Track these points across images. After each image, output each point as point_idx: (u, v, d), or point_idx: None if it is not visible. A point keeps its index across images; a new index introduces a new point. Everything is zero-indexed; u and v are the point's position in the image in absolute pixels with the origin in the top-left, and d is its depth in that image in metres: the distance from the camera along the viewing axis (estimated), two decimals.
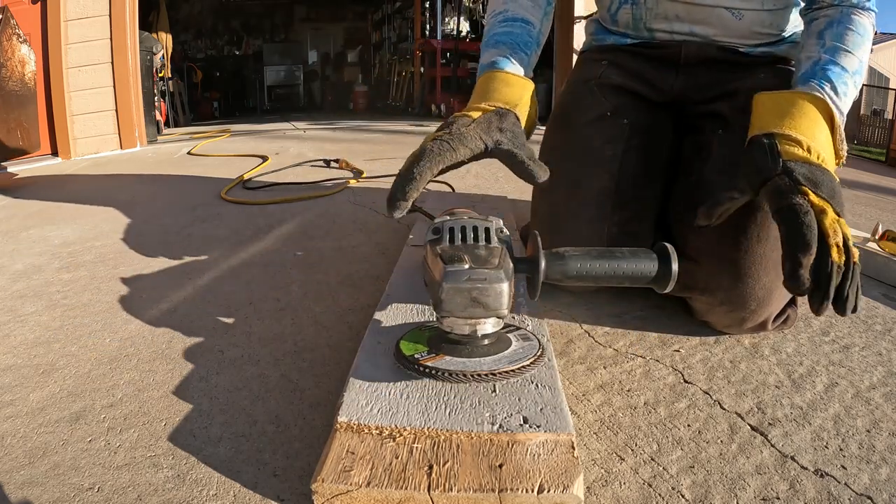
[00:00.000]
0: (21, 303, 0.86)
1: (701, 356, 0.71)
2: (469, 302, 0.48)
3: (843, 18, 0.71)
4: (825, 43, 0.70)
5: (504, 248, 0.53)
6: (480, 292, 0.47)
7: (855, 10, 0.71)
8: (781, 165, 0.58)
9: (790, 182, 0.56)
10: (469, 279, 0.47)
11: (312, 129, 3.79)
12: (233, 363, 0.68)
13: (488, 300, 0.48)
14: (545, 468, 0.42)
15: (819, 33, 0.71)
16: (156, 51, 3.22)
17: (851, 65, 0.68)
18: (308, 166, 2.11)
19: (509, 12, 0.81)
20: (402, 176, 0.60)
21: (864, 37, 0.70)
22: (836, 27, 0.70)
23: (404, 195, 0.59)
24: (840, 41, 0.69)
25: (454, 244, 0.52)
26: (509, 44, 0.78)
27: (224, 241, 1.18)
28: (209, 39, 8.19)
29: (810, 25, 0.74)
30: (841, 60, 0.68)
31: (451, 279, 0.48)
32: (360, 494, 0.41)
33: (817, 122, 0.62)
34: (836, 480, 0.49)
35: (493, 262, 0.49)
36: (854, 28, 0.70)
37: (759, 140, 0.61)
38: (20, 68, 1.81)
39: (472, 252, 0.50)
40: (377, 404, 0.49)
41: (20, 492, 0.47)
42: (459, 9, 5.48)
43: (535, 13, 0.82)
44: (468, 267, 0.48)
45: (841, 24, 0.70)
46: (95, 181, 1.97)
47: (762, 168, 0.58)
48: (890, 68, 11.68)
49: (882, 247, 1.02)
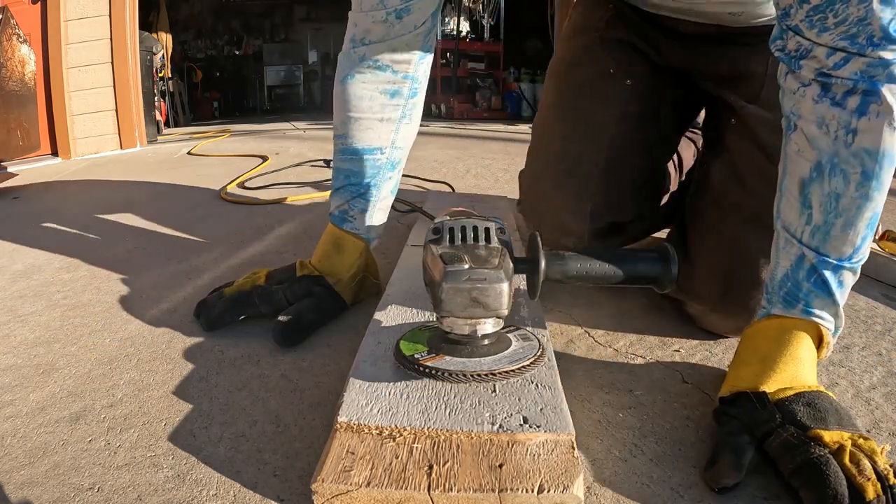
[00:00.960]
0: (21, 303, 0.86)
1: (701, 356, 0.71)
2: (469, 302, 0.48)
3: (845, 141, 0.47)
4: (812, 217, 0.51)
5: (504, 248, 0.53)
6: (480, 292, 0.47)
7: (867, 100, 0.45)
8: (779, 415, 0.48)
9: (797, 432, 0.47)
10: (469, 279, 0.47)
11: (312, 129, 3.79)
12: (233, 363, 0.68)
13: (488, 300, 0.48)
14: (545, 468, 0.42)
15: (802, 183, 0.51)
16: (156, 51, 3.21)
17: (852, 245, 0.50)
18: (308, 166, 2.11)
19: (349, 141, 0.76)
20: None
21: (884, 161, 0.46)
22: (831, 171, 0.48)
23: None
24: (833, 211, 0.49)
25: (454, 244, 0.52)
26: (350, 189, 0.78)
27: (224, 241, 1.18)
28: (209, 39, 8.18)
29: (787, 145, 0.53)
30: (834, 250, 0.51)
31: (451, 279, 0.48)
32: (360, 494, 0.41)
33: (805, 358, 0.53)
34: None
35: (492, 262, 0.49)
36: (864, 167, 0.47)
37: (745, 394, 0.52)
38: (20, 68, 1.81)
39: (472, 252, 0.50)
40: (377, 404, 0.49)
41: (20, 492, 0.47)
42: (459, 9, 5.47)
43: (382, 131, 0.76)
44: (468, 267, 0.48)
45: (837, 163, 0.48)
46: (95, 181, 1.96)
47: (759, 421, 0.49)
48: None
49: (882, 247, 1.02)
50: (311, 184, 1.76)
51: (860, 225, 0.50)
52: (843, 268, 0.52)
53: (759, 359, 0.54)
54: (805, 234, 0.52)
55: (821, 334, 0.54)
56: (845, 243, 0.51)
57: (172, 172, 2.06)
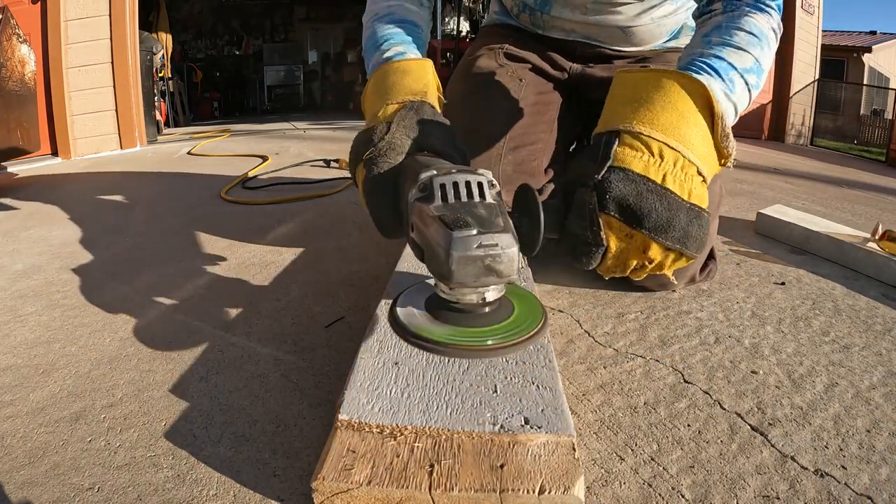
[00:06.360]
0: (21, 303, 0.86)
1: (701, 356, 0.71)
2: (482, 270, 0.43)
3: (734, 18, 0.61)
4: (711, 41, 0.60)
5: (500, 203, 0.48)
6: (494, 259, 0.43)
7: (751, 12, 0.61)
8: (602, 174, 0.46)
9: (594, 205, 0.46)
10: (480, 245, 0.43)
11: (312, 129, 3.79)
12: (233, 363, 0.68)
13: (502, 267, 0.43)
14: (546, 469, 0.42)
15: (705, 34, 0.62)
16: (156, 51, 3.22)
17: (742, 62, 0.57)
18: (308, 166, 2.11)
19: (395, 14, 0.76)
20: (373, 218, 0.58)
21: (762, 38, 0.59)
22: (725, 28, 0.61)
23: (388, 234, 0.58)
24: (728, 39, 0.59)
25: (448, 202, 0.46)
26: (398, 41, 0.72)
27: (224, 241, 1.17)
28: (209, 39, 8.19)
29: (696, 32, 0.66)
30: (728, 56, 0.57)
31: (461, 247, 0.43)
32: (360, 493, 0.41)
33: (687, 114, 0.48)
34: (836, 480, 0.49)
35: (497, 223, 0.45)
36: (747, 27, 0.60)
37: (598, 138, 0.50)
38: (20, 68, 1.81)
39: (472, 212, 0.45)
40: (378, 403, 0.48)
41: (20, 492, 0.47)
42: (459, 9, 5.48)
43: (420, 17, 0.79)
44: (476, 232, 0.43)
45: (731, 25, 0.61)
46: (95, 181, 1.96)
47: (582, 172, 0.48)
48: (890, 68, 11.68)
49: (882, 247, 1.02)
50: (312, 183, 1.76)
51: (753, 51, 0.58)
52: (734, 68, 0.56)
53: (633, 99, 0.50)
54: (704, 49, 0.59)
55: (709, 101, 0.49)
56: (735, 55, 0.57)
57: (172, 172, 2.06)
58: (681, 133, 0.47)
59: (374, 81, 0.66)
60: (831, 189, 2.09)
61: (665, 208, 0.45)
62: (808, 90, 5.04)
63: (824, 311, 0.86)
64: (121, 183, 1.91)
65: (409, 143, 0.57)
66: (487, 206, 0.46)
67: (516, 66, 0.91)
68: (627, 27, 0.84)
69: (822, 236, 1.12)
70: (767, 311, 0.85)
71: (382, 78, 0.65)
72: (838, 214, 1.58)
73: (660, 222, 0.45)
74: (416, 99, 0.61)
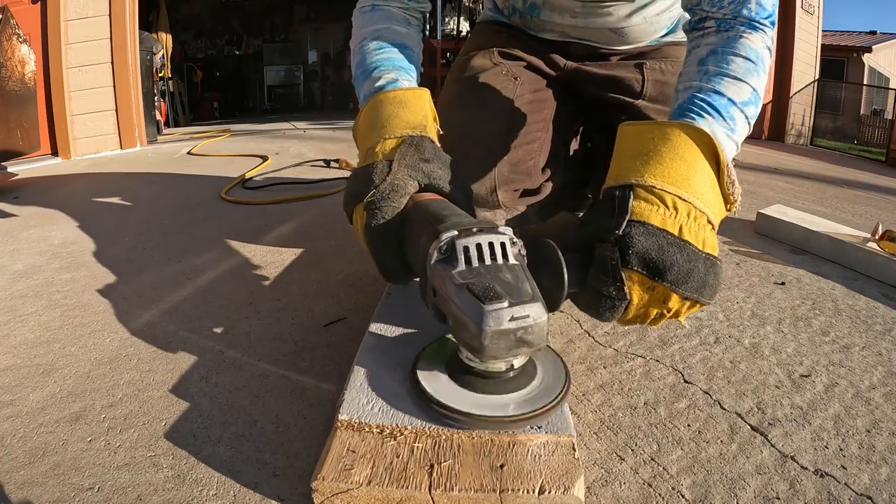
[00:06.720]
0: (21, 303, 0.86)
1: (701, 356, 0.71)
2: (514, 343, 0.43)
3: (730, 42, 0.59)
4: (707, 70, 0.58)
5: (524, 263, 0.48)
6: (526, 331, 0.42)
7: (745, 32, 0.59)
8: (623, 229, 0.46)
9: (616, 260, 0.46)
10: (512, 318, 0.42)
11: (312, 129, 3.79)
12: (233, 363, 0.68)
13: (532, 338, 0.43)
14: (546, 469, 0.42)
15: (700, 61, 0.60)
16: (156, 51, 3.21)
17: (741, 94, 0.56)
18: (308, 166, 2.11)
19: (384, 38, 0.73)
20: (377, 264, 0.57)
21: (758, 63, 0.58)
22: (722, 53, 0.59)
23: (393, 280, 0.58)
24: (725, 68, 0.58)
25: (471, 266, 0.46)
26: (389, 66, 0.69)
27: (224, 241, 1.17)
28: (209, 39, 8.18)
29: (691, 53, 0.63)
30: (727, 90, 0.56)
31: (494, 321, 0.42)
32: (360, 493, 0.41)
33: (694, 164, 0.49)
34: (836, 480, 0.49)
35: (525, 291, 0.44)
36: (744, 52, 0.58)
37: (611, 192, 0.50)
38: (20, 68, 1.81)
39: (498, 277, 0.45)
40: (378, 403, 0.48)
41: (20, 492, 0.47)
42: (459, 9, 5.48)
43: (410, 38, 0.75)
44: (508, 305, 0.42)
45: (727, 50, 0.59)
46: (95, 181, 1.96)
47: (600, 227, 0.48)
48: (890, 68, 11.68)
49: (882, 247, 1.02)
50: (312, 183, 1.76)
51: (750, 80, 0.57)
52: (734, 104, 0.56)
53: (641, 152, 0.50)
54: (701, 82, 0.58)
55: (715, 150, 0.50)
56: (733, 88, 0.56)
57: (172, 172, 2.06)
58: (690, 184, 0.48)
59: (368, 112, 0.64)
60: (831, 189, 2.09)
61: (685, 260, 0.46)
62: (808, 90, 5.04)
63: (824, 311, 0.86)
64: (121, 183, 1.91)
65: (413, 184, 0.56)
66: (512, 270, 0.46)
67: (511, 65, 0.90)
68: (619, 28, 0.84)
69: (822, 236, 1.12)
70: (767, 311, 0.85)
71: (376, 108, 0.63)
72: (838, 214, 1.58)
73: (681, 274, 0.46)
74: (415, 133, 0.60)
